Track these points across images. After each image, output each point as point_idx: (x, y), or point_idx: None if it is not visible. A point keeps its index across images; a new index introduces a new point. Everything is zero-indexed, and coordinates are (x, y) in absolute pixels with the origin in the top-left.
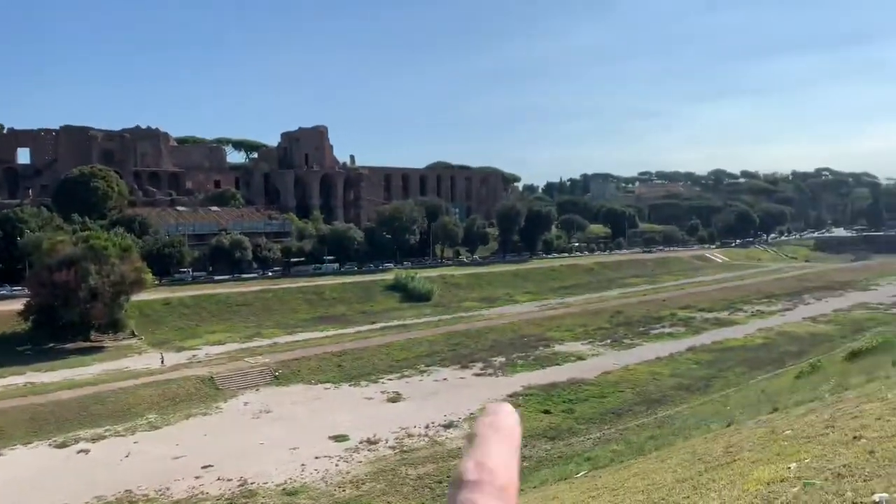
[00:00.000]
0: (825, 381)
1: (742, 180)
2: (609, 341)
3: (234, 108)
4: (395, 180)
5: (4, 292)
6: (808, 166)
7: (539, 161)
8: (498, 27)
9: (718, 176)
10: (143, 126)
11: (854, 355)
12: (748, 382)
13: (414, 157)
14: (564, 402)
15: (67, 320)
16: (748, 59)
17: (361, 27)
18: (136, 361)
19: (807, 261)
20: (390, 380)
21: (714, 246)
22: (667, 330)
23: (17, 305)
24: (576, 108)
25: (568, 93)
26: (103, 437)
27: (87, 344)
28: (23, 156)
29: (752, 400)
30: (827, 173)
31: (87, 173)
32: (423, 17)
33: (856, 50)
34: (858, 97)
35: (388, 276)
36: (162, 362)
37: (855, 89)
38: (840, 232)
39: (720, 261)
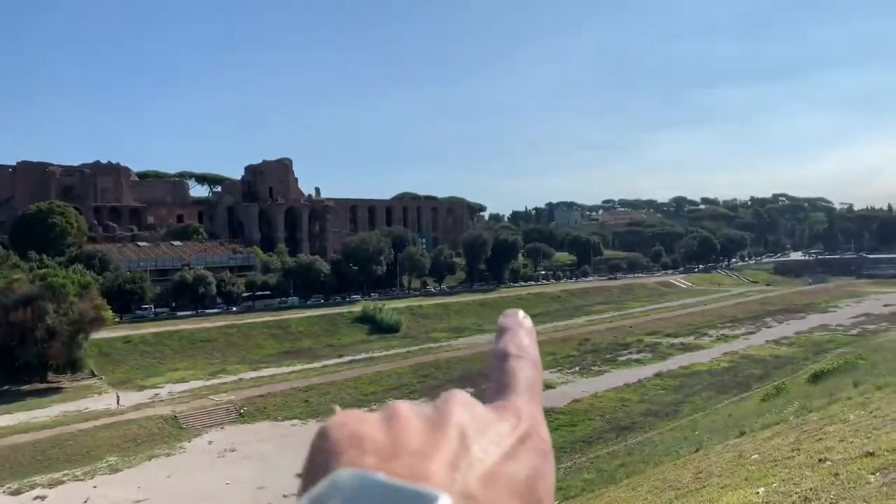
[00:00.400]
0: (789, 403)
1: (703, 207)
2: (578, 369)
3: (198, 142)
4: (361, 211)
5: None
6: (765, 192)
7: (504, 190)
8: (460, 60)
9: (680, 203)
10: (104, 161)
11: (816, 377)
12: (715, 406)
13: (380, 188)
14: None
15: (24, 361)
16: (703, 89)
17: (325, 59)
18: (96, 402)
19: (767, 284)
20: None
21: (678, 272)
22: (634, 356)
23: None
24: (537, 138)
25: (529, 123)
26: (61, 483)
27: (45, 385)
28: None
29: (720, 424)
30: (783, 199)
31: (45, 209)
32: (387, 49)
33: (808, 78)
34: (812, 124)
35: (356, 309)
36: (118, 402)
37: (808, 116)
38: (797, 256)
39: (684, 286)
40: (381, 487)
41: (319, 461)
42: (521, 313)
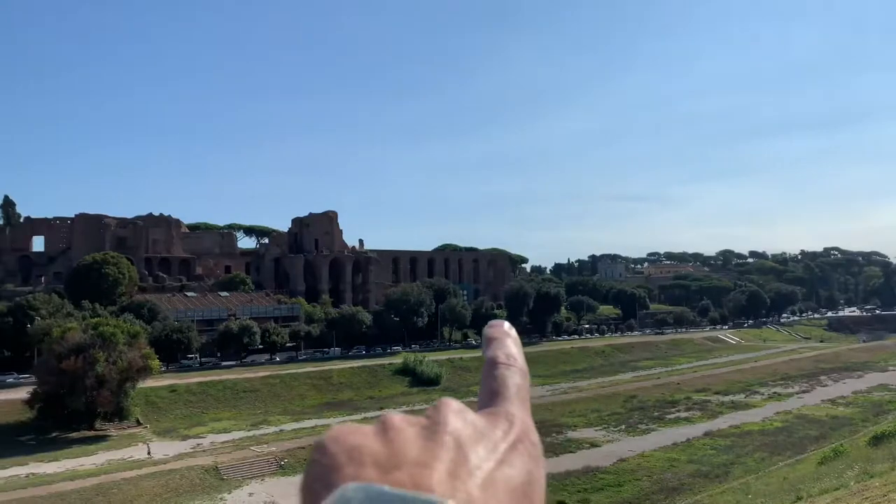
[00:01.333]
0: (849, 467)
1: (751, 260)
2: (624, 427)
3: (247, 195)
4: (403, 263)
5: (11, 380)
6: (816, 245)
7: (546, 242)
8: (499, 114)
9: (727, 256)
10: (156, 213)
11: (877, 439)
12: (769, 469)
13: (422, 239)
14: (579, 491)
15: (73, 409)
16: (750, 140)
17: (371, 116)
18: (141, 451)
19: (821, 340)
20: None
21: (726, 327)
22: (682, 414)
23: (23, 394)
24: (578, 190)
25: (569, 176)
26: None
27: (92, 433)
28: (37, 243)
29: (774, 488)
30: (836, 252)
31: (99, 260)
32: (428, 105)
33: (859, 129)
34: (863, 176)
35: (397, 360)
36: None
37: (860, 168)
38: (852, 311)
39: (733, 342)
40: (389, 498)
41: (319, 476)
42: (507, 324)
